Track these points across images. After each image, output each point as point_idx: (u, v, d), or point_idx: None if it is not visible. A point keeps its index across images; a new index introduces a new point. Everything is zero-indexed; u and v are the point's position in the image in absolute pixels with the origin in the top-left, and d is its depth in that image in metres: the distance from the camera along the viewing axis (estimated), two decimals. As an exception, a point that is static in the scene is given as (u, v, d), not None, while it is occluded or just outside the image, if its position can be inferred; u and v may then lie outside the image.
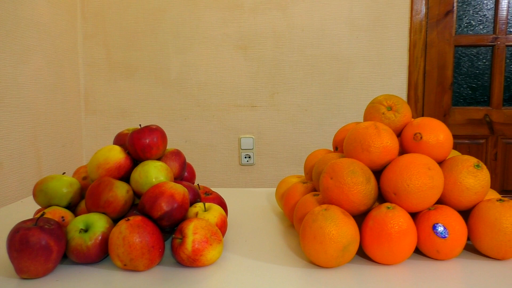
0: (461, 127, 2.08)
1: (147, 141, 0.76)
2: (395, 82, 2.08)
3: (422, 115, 2.08)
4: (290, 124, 2.14)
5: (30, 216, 0.80)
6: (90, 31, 2.11)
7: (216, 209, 0.76)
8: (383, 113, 0.78)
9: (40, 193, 0.75)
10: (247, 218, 0.95)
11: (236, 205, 1.04)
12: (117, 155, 0.76)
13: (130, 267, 0.65)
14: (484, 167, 0.71)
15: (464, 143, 2.08)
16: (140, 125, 0.80)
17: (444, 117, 2.08)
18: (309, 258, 0.68)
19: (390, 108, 0.79)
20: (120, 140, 0.83)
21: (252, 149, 2.15)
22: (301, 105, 2.12)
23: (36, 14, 1.68)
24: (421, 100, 2.07)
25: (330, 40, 2.08)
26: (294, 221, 0.78)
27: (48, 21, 1.77)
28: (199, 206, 0.76)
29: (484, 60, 2.07)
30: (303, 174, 1.34)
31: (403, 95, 2.07)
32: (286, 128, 2.14)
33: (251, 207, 1.05)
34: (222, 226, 0.75)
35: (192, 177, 0.91)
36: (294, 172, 2.15)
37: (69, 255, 0.67)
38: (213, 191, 0.88)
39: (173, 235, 0.68)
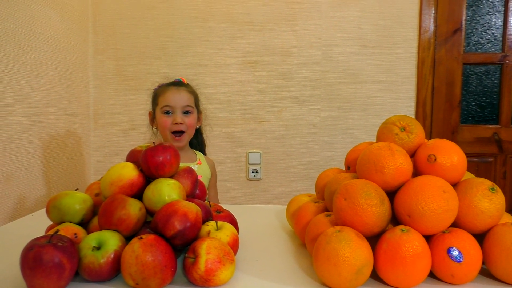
0: (469, 145, 2.07)
1: (161, 158, 0.76)
2: (403, 99, 2.08)
3: (430, 133, 2.08)
4: (298, 139, 2.14)
5: (42, 231, 0.80)
6: (101, 45, 2.14)
7: (228, 228, 0.76)
8: (397, 134, 0.78)
9: (54, 209, 0.75)
10: (257, 236, 0.94)
11: (246, 223, 1.03)
12: (130, 172, 0.76)
13: (142, 286, 0.64)
14: (499, 190, 0.70)
15: (472, 161, 2.07)
16: (153, 142, 0.80)
17: (452, 135, 2.07)
18: (322, 280, 0.68)
19: (403, 129, 0.79)
20: (133, 157, 0.83)
21: (259, 164, 2.15)
22: (309, 120, 2.13)
23: (49, 29, 1.71)
24: (429, 117, 2.07)
25: (339, 56, 2.09)
26: (306, 241, 0.78)
27: (60, 35, 1.80)
28: (211, 225, 0.76)
29: (492, 78, 2.07)
30: (311, 191, 1.34)
31: (411, 112, 2.07)
32: (294, 143, 2.14)
33: (260, 224, 1.04)
34: (234, 245, 0.75)
35: (203, 194, 0.91)
36: (301, 188, 2.14)
37: (81, 273, 0.67)
38: (224, 209, 0.88)
39: (186, 255, 0.68)
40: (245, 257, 0.80)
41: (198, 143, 1.61)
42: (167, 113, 1.44)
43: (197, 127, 1.53)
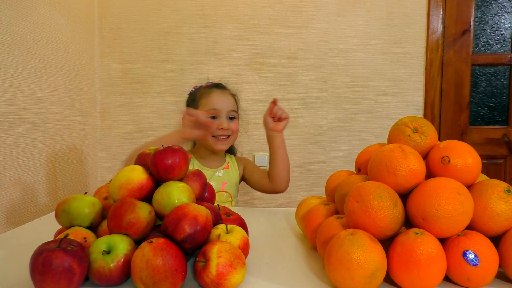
0: (478, 146, 2.05)
1: (170, 161, 0.75)
2: (411, 101, 2.06)
3: (439, 134, 2.06)
4: (305, 142, 2.13)
5: (51, 235, 0.80)
6: (107, 48, 2.14)
7: (238, 231, 0.75)
8: (409, 135, 0.77)
9: (63, 213, 0.74)
10: (267, 239, 0.93)
11: (255, 226, 1.02)
12: (139, 175, 0.76)
13: (152, 291, 0.64)
14: (515, 192, 0.69)
15: (482, 163, 2.05)
16: (162, 145, 0.79)
17: (461, 136, 2.05)
18: (334, 284, 0.66)
19: (415, 130, 0.77)
20: (142, 160, 0.82)
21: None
22: (316, 123, 2.12)
23: (56, 32, 1.71)
24: (437, 119, 2.05)
25: (345, 58, 2.08)
26: (317, 244, 0.77)
27: (67, 39, 1.80)
28: (221, 228, 0.75)
29: (502, 79, 2.05)
30: (319, 194, 1.32)
31: (420, 114, 2.06)
32: (301, 145, 2.13)
33: (270, 227, 1.03)
34: (245, 249, 0.74)
35: (212, 197, 0.90)
36: (308, 191, 2.13)
37: (90, 277, 0.66)
38: (234, 212, 0.87)
39: (196, 258, 0.67)
40: (255, 261, 0.79)
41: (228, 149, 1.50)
42: (213, 117, 1.35)
43: None
